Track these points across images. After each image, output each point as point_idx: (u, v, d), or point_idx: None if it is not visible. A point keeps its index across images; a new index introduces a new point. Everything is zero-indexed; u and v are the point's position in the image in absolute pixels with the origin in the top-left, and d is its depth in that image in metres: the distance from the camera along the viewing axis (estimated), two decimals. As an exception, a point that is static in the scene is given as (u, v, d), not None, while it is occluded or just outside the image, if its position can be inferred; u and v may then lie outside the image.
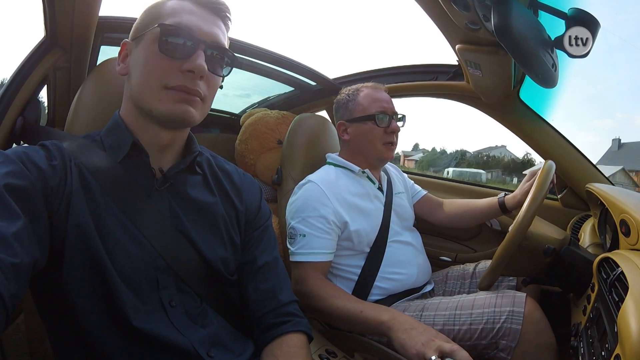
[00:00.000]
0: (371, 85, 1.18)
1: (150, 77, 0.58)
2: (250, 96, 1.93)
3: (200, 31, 0.59)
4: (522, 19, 0.66)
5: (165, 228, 0.61)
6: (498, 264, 0.90)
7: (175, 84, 0.57)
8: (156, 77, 0.57)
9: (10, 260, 0.43)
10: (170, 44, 0.57)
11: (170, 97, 0.58)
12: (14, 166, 0.50)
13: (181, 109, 0.58)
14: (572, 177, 1.33)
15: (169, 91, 0.58)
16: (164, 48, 0.57)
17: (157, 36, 0.57)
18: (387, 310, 0.87)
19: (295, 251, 1.02)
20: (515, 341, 0.86)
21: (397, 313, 0.85)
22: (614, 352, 0.53)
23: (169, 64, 0.57)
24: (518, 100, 1.34)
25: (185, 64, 0.57)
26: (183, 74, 0.57)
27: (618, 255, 0.71)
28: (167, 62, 0.57)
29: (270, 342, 0.66)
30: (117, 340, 0.55)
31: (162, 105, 0.58)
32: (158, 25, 0.57)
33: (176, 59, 0.57)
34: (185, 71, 0.57)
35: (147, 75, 0.58)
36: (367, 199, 1.14)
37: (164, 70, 0.57)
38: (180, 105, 0.58)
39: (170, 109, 0.58)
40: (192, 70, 0.57)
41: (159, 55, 0.57)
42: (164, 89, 0.57)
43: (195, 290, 0.62)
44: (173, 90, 0.58)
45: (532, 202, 0.88)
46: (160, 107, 0.58)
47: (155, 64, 0.57)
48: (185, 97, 0.58)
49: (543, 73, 0.74)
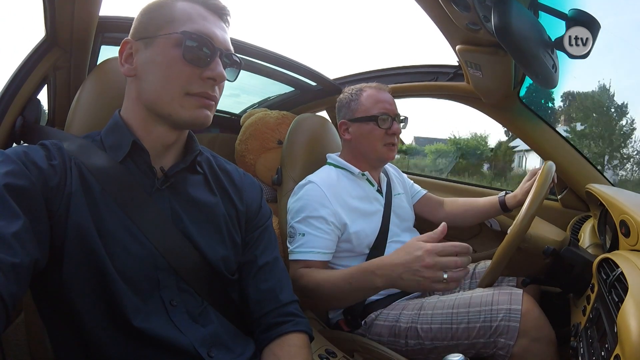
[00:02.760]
0: (374, 86, 1.18)
1: (171, 82, 0.59)
2: (239, 96, 1.94)
3: (217, 39, 0.61)
4: (522, 19, 0.66)
5: (166, 227, 0.61)
6: (498, 264, 0.90)
7: (198, 90, 0.59)
8: (178, 84, 0.58)
9: (10, 260, 0.43)
10: (194, 51, 0.58)
11: (193, 103, 0.60)
12: (14, 166, 0.50)
13: (203, 115, 0.61)
14: (572, 178, 1.33)
15: (191, 97, 0.59)
16: (188, 55, 0.58)
17: (179, 42, 0.58)
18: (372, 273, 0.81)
19: (294, 250, 1.02)
20: (514, 339, 0.86)
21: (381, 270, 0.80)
22: (613, 353, 0.53)
23: (191, 71, 0.59)
24: (518, 101, 1.34)
25: (206, 71, 0.59)
26: (204, 81, 0.59)
27: (618, 256, 0.71)
28: (189, 69, 0.58)
29: (271, 342, 0.66)
30: (118, 339, 0.55)
31: (185, 112, 0.60)
32: (181, 32, 0.58)
33: (198, 67, 0.59)
34: (206, 78, 0.59)
35: (167, 81, 0.59)
36: (367, 201, 1.14)
37: (186, 77, 0.58)
38: (201, 110, 0.61)
39: (194, 115, 0.60)
40: (213, 78, 0.59)
41: (181, 62, 0.58)
42: (185, 95, 0.59)
43: (196, 290, 0.62)
44: (195, 97, 0.60)
45: (532, 202, 0.88)
46: (182, 113, 0.60)
47: (178, 70, 0.58)
48: (206, 102, 0.61)
49: (543, 73, 0.74)
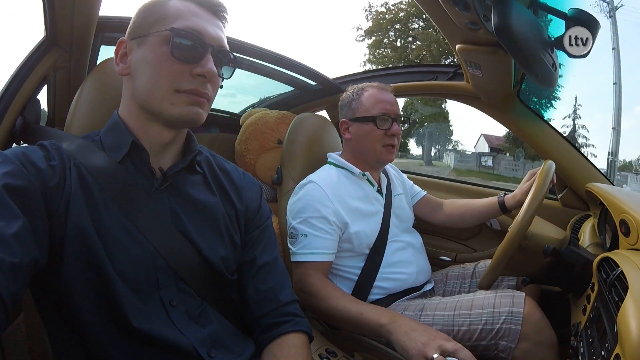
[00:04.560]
0: (377, 85, 1.17)
1: (161, 80, 0.58)
2: (236, 95, 1.94)
3: (208, 35, 0.60)
4: (522, 19, 0.66)
5: (165, 228, 0.61)
6: (498, 263, 0.90)
7: (187, 87, 0.59)
8: (168, 81, 0.58)
9: (10, 260, 0.44)
10: (182, 48, 0.58)
11: (182, 100, 0.59)
12: (13, 166, 0.50)
13: (193, 111, 0.60)
14: (572, 177, 1.33)
15: (180, 94, 0.59)
16: (177, 52, 0.57)
17: (168, 39, 0.57)
18: (387, 313, 0.87)
19: (297, 251, 1.02)
20: (515, 342, 0.86)
21: (397, 315, 0.85)
22: (613, 352, 0.53)
23: (181, 68, 0.58)
24: (518, 100, 1.34)
25: (196, 68, 0.58)
26: (194, 78, 0.59)
27: (618, 255, 0.71)
28: (178, 65, 0.58)
29: (270, 342, 0.66)
30: (117, 340, 0.55)
31: (174, 109, 0.59)
32: (170, 29, 0.57)
33: (187, 63, 0.58)
34: (196, 75, 0.59)
35: (157, 78, 0.58)
36: (367, 201, 1.13)
37: (175, 74, 0.58)
38: (191, 107, 0.60)
39: (184, 112, 0.59)
40: (203, 74, 0.59)
41: (170, 59, 0.57)
42: (175, 92, 0.58)
43: (195, 290, 0.62)
44: (185, 94, 0.59)
45: (532, 201, 0.88)
46: (172, 110, 0.59)
47: (167, 68, 0.58)
48: (196, 99, 0.60)
49: (543, 73, 0.74)
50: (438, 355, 0.69)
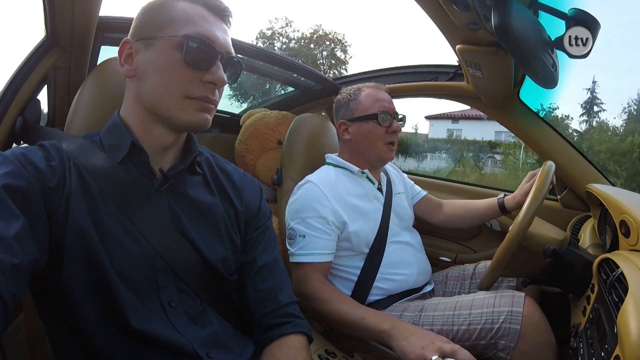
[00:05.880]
0: (372, 85, 1.18)
1: (172, 85, 0.58)
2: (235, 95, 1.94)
3: (218, 42, 0.60)
4: (522, 19, 0.66)
5: (165, 228, 0.61)
6: (498, 264, 0.90)
7: (198, 94, 0.59)
8: (179, 87, 0.58)
9: (10, 260, 0.44)
10: (194, 55, 0.58)
11: (193, 106, 0.59)
12: (12, 167, 0.50)
13: (203, 118, 0.60)
14: (572, 178, 1.33)
15: (191, 101, 0.59)
16: (190, 59, 0.57)
17: (180, 45, 0.57)
18: (388, 318, 0.87)
19: (295, 252, 1.02)
20: (515, 341, 0.86)
21: (397, 321, 0.86)
22: (613, 353, 0.53)
23: (192, 75, 0.58)
24: (518, 100, 1.34)
25: (207, 75, 0.59)
26: (204, 85, 0.59)
27: (618, 256, 0.71)
28: (189, 72, 0.58)
29: (270, 343, 0.66)
30: (117, 340, 0.55)
31: (185, 115, 0.59)
32: (183, 35, 0.57)
33: (199, 70, 0.58)
34: (207, 82, 0.59)
35: (167, 83, 0.58)
36: (366, 199, 1.13)
37: (187, 80, 0.58)
38: (201, 114, 0.60)
39: (194, 118, 0.60)
40: (214, 82, 0.59)
41: (181, 65, 0.57)
42: (185, 98, 0.59)
43: (195, 291, 0.62)
44: (195, 100, 0.59)
45: (532, 202, 0.88)
46: (183, 116, 0.59)
47: (178, 73, 0.58)
48: (206, 106, 0.60)
49: (543, 73, 0.74)
50: (437, 357, 0.70)
